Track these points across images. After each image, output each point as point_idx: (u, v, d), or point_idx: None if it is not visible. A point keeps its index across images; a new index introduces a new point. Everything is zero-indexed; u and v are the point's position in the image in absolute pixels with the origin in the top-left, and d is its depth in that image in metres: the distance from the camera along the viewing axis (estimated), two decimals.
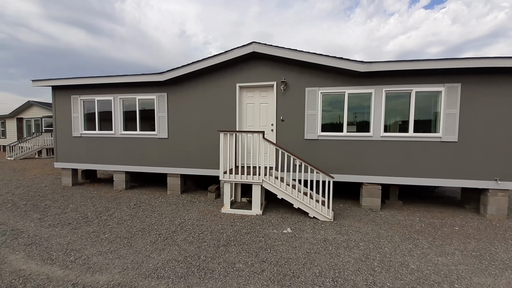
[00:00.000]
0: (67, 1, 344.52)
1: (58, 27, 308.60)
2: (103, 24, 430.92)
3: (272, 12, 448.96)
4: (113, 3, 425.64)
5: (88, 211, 4.98)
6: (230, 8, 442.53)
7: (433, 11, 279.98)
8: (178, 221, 4.50)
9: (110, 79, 6.58)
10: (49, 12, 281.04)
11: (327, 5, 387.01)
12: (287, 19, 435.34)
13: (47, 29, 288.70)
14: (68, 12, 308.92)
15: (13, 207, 5.23)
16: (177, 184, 6.59)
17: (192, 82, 6.34)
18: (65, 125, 7.28)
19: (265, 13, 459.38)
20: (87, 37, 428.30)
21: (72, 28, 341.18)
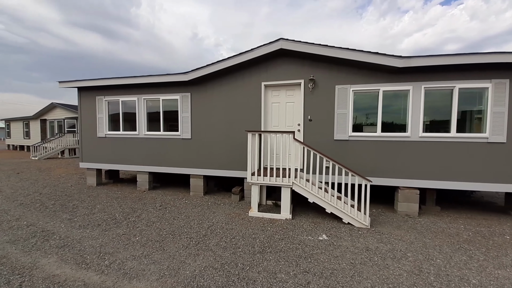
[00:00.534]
0: (86, 7, 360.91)
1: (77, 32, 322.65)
2: (119, 29, 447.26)
3: (282, 12, 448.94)
4: (128, 8, 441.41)
5: (116, 212, 4.93)
6: (240, 10, 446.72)
7: (449, 7, 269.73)
8: (207, 224, 4.35)
9: (135, 79, 6.57)
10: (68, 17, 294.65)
11: (338, 4, 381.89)
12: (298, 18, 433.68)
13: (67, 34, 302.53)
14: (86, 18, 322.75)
15: (42, 207, 5.27)
16: (200, 186, 6.48)
17: (215, 82, 6.20)
18: (90, 125, 7.36)
19: (276, 13, 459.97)
20: (104, 41, 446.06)
21: (90, 33, 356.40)
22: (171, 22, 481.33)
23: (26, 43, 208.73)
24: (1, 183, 7.62)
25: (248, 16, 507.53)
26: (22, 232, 3.88)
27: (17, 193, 6.39)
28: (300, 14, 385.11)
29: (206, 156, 6.36)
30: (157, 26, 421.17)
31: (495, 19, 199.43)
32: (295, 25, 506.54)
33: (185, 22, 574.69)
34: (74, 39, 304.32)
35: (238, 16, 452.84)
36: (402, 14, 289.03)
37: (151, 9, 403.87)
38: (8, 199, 5.83)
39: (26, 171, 10.13)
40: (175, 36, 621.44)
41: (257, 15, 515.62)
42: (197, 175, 6.46)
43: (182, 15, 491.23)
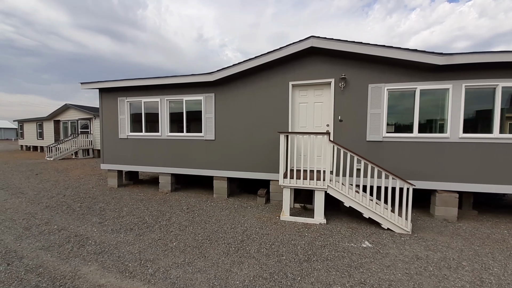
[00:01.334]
0: (95, 10, 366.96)
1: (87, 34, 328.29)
2: (126, 31, 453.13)
3: (288, 12, 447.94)
4: (135, 10, 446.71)
5: (145, 215, 4.82)
6: (246, 11, 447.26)
7: (458, 4, 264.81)
8: (240, 229, 4.20)
9: (158, 80, 6.48)
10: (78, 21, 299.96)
11: (344, 3, 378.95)
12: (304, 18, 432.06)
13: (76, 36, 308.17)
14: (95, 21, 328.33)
15: (69, 209, 5.21)
16: (223, 188, 6.34)
17: (240, 82, 6.06)
18: (112, 127, 7.31)
19: (282, 14, 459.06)
20: (112, 43, 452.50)
21: (99, 36, 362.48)
22: (177, 23, 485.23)
23: (37, 45, 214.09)
24: (22, 185, 7.63)
25: (254, 17, 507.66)
26: (55, 238, 3.79)
27: (40, 195, 6.36)
28: (306, 14, 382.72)
29: (230, 158, 6.23)
30: (163, 27, 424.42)
31: (505, 17, 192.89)
32: (301, 25, 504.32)
33: (191, 23, 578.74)
34: (84, 41, 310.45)
35: (244, 17, 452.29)
36: (409, 12, 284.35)
37: (157, 11, 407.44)
38: (33, 201, 5.80)
39: (44, 172, 10.18)
40: (180, 37, 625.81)
41: (263, 16, 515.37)
42: (221, 177, 6.33)
43: (188, 16, 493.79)
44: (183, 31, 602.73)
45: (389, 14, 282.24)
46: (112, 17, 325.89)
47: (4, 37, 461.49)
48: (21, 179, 8.52)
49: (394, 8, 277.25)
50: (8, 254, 3.26)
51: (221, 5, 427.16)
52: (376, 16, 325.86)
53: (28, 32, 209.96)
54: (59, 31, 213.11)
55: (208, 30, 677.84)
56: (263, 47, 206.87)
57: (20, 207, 5.33)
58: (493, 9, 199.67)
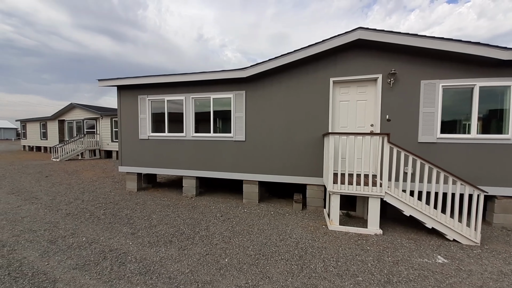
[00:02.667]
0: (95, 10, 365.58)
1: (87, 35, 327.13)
2: (127, 31, 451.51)
3: (288, 13, 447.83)
4: (136, 10, 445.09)
5: (179, 224, 4.37)
6: (246, 11, 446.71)
7: (457, 5, 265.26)
8: (291, 241, 3.76)
9: (183, 77, 6.03)
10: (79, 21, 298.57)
11: (344, 4, 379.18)
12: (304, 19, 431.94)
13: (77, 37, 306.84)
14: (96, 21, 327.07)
15: (93, 217, 4.75)
16: (254, 192, 5.90)
17: (274, 78, 5.62)
18: (131, 127, 6.85)
19: (282, 14, 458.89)
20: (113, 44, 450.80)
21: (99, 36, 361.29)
22: (178, 23, 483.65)
23: (37, 45, 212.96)
24: (34, 188, 7.16)
25: (254, 17, 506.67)
26: (87, 253, 3.33)
27: (56, 201, 5.90)
28: (307, 14, 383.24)
29: (262, 160, 5.78)
30: (164, 27, 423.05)
31: (504, 17, 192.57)
32: (302, 25, 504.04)
33: (191, 23, 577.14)
34: (84, 41, 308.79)
35: (244, 17, 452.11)
36: (409, 13, 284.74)
37: (158, 11, 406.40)
38: (50, 208, 5.33)
39: (54, 174, 9.70)
40: (181, 37, 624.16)
41: (263, 16, 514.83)
42: (251, 181, 5.89)
43: (188, 16, 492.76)
44: (184, 31, 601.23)
45: (389, 15, 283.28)
46: (113, 17, 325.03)
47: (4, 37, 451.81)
48: (31, 182, 8.04)
49: (394, 9, 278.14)
50: (36, 277, 2.79)
51: (221, 5, 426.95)
52: (376, 17, 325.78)
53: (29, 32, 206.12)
54: (60, 31, 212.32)
55: (208, 30, 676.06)
56: (263, 47, 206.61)
57: (37, 214, 4.86)
58: (492, 9, 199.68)
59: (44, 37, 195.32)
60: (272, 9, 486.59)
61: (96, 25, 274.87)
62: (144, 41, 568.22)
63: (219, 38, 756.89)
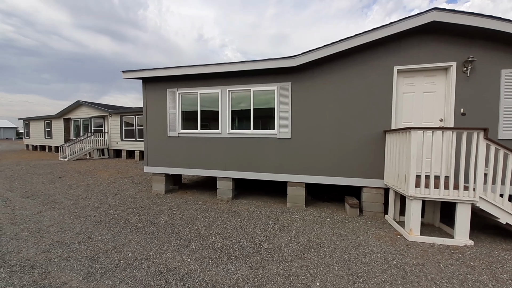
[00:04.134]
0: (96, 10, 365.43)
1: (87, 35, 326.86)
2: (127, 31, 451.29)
3: (289, 13, 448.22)
4: (136, 10, 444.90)
5: (233, 234, 3.76)
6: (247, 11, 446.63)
7: (456, 5, 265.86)
8: (376, 257, 3.16)
9: (220, 67, 5.41)
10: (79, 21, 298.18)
11: (344, 4, 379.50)
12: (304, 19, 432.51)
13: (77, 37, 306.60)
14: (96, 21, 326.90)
15: (130, 226, 4.14)
16: (301, 196, 5.30)
17: (325, 68, 5.01)
18: (158, 123, 6.23)
19: (282, 14, 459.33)
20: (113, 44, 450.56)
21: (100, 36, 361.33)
22: (178, 23, 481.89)
23: (37, 45, 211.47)
24: (50, 191, 6.53)
25: (254, 17, 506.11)
26: (141, 274, 2.71)
27: (80, 205, 5.27)
28: (307, 14, 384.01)
29: (310, 160, 5.18)
30: (164, 28, 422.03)
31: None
32: (302, 25, 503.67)
33: (192, 23, 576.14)
34: (84, 41, 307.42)
35: (244, 17, 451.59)
36: (408, 13, 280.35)
37: (158, 11, 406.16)
38: (76, 214, 4.71)
39: (67, 174, 9.06)
40: (181, 37, 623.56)
41: (263, 16, 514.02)
42: (297, 183, 5.28)
43: (189, 16, 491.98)
44: (184, 31, 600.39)
45: (388, 15, 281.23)
46: (113, 17, 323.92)
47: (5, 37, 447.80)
48: (45, 184, 7.41)
49: (393, 9, 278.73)
50: None
51: (221, 5, 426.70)
52: (376, 17, 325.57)
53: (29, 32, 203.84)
54: (60, 31, 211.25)
55: (208, 30, 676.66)
56: (263, 47, 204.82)
57: (63, 222, 4.24)
58: (491, 10, 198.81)
59: (44, 37, 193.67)
60: (272, 9, 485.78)
61: (96, 25, 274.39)
62: (144, 41, 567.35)
63: (219, 38, 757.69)
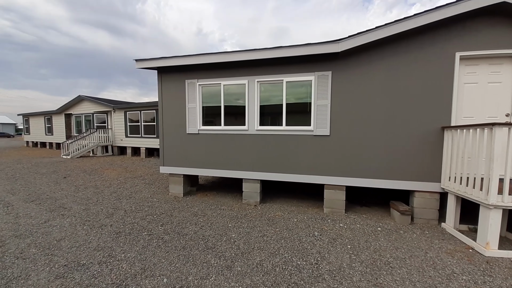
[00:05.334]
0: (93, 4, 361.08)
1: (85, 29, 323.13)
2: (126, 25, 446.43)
3: (289, 7, 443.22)
4: (134, 4, 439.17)
5: (278, 249, 3.19)
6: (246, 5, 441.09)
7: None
8: (462, 279, 2.59)
9: (248, 54, 4.77)
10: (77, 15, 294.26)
11: None
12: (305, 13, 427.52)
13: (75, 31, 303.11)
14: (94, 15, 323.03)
15: (155, 238, 3.55)
16: (340, 200, 4.71)
17: (373, 54, 4.38)
18: (176, 119, 5.60)
19: (282, 8, 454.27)
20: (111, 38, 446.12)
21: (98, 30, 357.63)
22: (177, 18, 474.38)
23: (35, 40, 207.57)
24: (56, 194, 5.93)
25: (254, 11, 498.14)
26: None
27: (92, 211, 4.68)
28: (307, 8, 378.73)
29: (351, 160, 4.58)
30: (163, 22, 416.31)
31: None
32: (302, 19, 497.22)
33: (190, 17, 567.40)
34: (82, 36, 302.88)
35: (244, 11, 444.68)
36: (409, 7, 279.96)
37: (157, 5, 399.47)
38: (89, 223, 4.12)
39: (72, 174, 8.46)
40: (180, 32, 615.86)
41: (263, 10, 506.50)
42: (337, 186, 4.69)
43: (188, 10, 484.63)
44: (183, 25, 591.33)
45: (389, 9, 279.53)
46: (111, 11, 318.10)
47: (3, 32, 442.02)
48: (49, 185, 6.81)
49: (395, 2, 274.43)
50: None
51: None
52: (377, 11, 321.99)
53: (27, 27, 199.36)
54: (58, 25, 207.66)
55: (207, 25, 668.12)
56: (263, 42, 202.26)
57: (76, 234, 3.65)
58: None
59: (42, 32, 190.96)
60: (272, 3, 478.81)
61: (94, 19, 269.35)
62: (143, 36, 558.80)
63: (218, 32, 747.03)
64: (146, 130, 13.47)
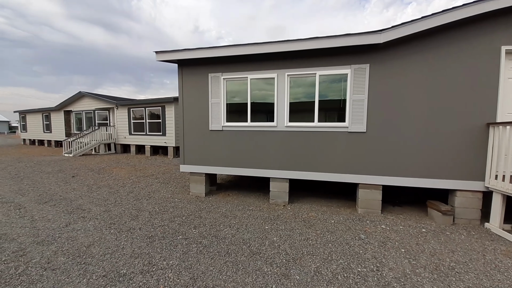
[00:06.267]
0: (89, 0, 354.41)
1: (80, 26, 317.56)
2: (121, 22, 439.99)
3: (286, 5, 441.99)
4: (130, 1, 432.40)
5: (333, 255, 2.96)
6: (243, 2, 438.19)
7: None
8: None
9: (279, 46, 4.50)
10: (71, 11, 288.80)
11: None
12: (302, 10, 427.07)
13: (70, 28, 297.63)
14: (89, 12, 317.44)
15: (193, 243, 3.31)
16: (376, 200, 4.52)
17: (414, 46, 4.16)
18: (198, 115, 5.32)
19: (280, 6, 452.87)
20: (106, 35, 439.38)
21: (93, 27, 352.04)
22: (173, 15, 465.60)
23: (29, 37, 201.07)
24: (69, 194, 5.61)
25: (251, 9, 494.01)
26: None
27: (114, 213, 4.40)
28: (305, 6, 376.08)
29: (389, 158, 4.38)
30: (159, 19, 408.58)
31: None
32: (300, 17, 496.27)
33: (187, 15, 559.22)
34: (77, 33, 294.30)
35: (241, 9, 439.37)
36: (406, 6, 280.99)
37: (153, 2, 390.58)
38: (115, 226, 3.83)
39: (79, 173, 8.10)
40: (176, 29, 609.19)
41: (261, 8, 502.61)
42: (372, 185, 4.49)
43: (184, 7, 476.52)
44: (179, 23, 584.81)
45: (386, 7, 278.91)
46: (106, 8, 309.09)
47: None
48: (59, 185, 6.47)
49: (391, 1, 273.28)
50: None
51: None
52: (373, 10, 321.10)
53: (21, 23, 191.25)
54: (52, 22, 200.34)
55: (204, 22, 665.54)
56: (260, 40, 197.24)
57: (106, 239, 3.37)
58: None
59: (35, 28, 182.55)
60: (270, 1, 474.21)
61: (89, 16, 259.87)
62: (139, 33, 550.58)
63: (215, 30, 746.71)
64: (151, 128, 13.10)
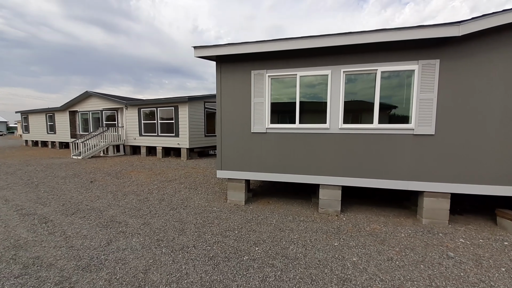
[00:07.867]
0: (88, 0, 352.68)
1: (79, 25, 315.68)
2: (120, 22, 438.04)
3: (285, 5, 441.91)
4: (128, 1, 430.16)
5: (436, 281, 2.53)
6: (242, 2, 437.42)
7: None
8: None
9: (335, 39, 4.04)
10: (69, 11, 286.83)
11: None
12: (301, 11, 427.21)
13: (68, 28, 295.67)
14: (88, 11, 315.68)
15: (265, 265, 2.86)
16: (444, 210, 4.10)
17: (490, 41, 3.72)
18: (239, 116, 4.85)
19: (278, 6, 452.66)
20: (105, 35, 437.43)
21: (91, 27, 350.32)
22: (172, 14, 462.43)
23: (27, 37, 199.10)
24: (95, 204, 5.13)
25: (250, 9, 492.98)
26: None
27: (155, 227, 3.93)
28: (303, 6, 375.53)
29: (461, 164, 3.96)
30: (158, 19, 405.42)
31: None
32: (298, 18, 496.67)
33: (186, 14, 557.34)
34: (75, 33, 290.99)
35: (240, 9, 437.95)
36: (403, 6, 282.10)
37: (152, 1, 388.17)
38: (164, 244, 3.38)
39: (97, 177, 7.61)
40: (175, 29, 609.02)
41: (260, 8, 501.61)
42: (440, 193, 4.06)
43: (183, 7, 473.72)
44: (178, 22, 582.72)
45: (384, 8, 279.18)
46: (105, 8, 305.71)
47: None
48: (80, 192, 5.99)
49: (389, 2, 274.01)
50: None
51: None
52: (372, 10, 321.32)
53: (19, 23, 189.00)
54: (50, 22, 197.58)
55: (203, 22, 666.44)
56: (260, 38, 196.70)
57: (161, 261, 2.91)
58: (485, 4, 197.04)
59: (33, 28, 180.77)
60: (268, 1, 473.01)
61: (87, 15, 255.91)
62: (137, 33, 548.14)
63: (214, 29, 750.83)
64: (163, 128, 12.61)
